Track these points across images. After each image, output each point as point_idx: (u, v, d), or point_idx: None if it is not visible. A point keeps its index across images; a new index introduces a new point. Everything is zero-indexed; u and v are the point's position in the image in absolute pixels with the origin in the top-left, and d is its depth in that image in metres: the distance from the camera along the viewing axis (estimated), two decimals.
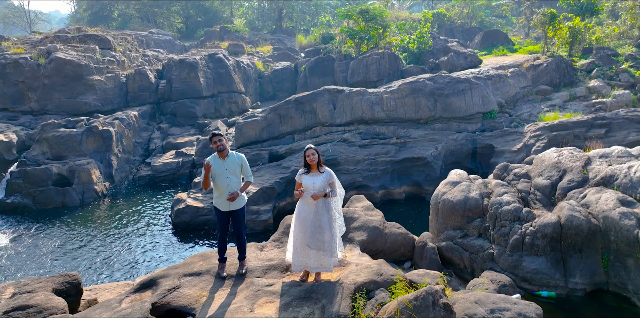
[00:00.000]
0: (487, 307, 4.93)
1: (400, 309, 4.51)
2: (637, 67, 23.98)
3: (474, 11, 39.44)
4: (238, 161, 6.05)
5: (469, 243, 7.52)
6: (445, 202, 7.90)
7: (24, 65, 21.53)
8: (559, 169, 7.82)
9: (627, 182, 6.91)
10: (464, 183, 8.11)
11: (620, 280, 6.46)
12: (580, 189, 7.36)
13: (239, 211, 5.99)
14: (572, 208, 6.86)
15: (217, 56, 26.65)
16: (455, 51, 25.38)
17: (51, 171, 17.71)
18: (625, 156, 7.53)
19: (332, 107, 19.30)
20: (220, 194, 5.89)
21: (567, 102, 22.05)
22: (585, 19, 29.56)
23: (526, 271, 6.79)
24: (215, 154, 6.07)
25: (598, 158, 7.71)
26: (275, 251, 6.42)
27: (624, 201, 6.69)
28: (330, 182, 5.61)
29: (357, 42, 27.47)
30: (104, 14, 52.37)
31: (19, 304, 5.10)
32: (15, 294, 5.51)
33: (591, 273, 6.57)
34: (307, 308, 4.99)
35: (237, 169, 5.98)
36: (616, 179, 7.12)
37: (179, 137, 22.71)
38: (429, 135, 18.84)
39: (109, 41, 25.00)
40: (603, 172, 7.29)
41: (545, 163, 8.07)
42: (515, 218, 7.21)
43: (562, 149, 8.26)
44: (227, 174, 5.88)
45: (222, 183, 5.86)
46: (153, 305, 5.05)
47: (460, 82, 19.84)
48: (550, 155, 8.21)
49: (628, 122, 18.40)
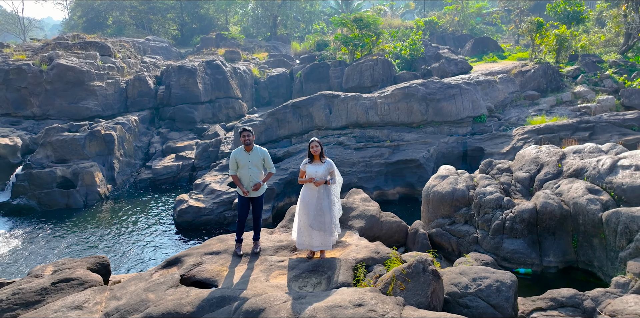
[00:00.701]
0: (469, 277, 5.81)
1: (396, 276, 5.37)
2: (620, 73, 25.19)
3: (465, 19, 40.78)
4: (261, 155, 6.87)
5: (456, 229, 8.43)
6: (435, 193, 8.83)
7: (26, 71, 22.29)
8: (537, 163, 8.78)
9: (596, 173, 7.86)
10: (452, 177, 9.05)
11: (587, 258, 7.38)
12: (555, 180, 8.31)
13: (259, 198, 6.86)
14: (546, 196, 7.80)
15: (215, 62, 27.56)
16: (446, 57, 26.49)
17: (55, 173, 18.42)
18: (596, 151, 8.50)
19: (328, 111, 20.23)
20: (243, 178, 6.74)
21: (554, 107, 23.15)
22: (572, 26, 30.83)
23: (506, 252, 7.70)
24: (241, 147, 6.88)
25: (572, 153, 8.67)
26: (284, 235, 7.29)
27: (591, 190, 7.63)
28: (331, 171, 6.50)
29: (352, 49, 28.53)
30: (99, 21, 53.20)
31: (63, 277, 5.90)
32: (56, 271, 6.30)
33: (563, 253, 7.49)
34: (314, 279, 5.84)
35: (260, 162, 6.81)
36: (586, 171, 8.08)
37: (179, 141, 23.50)
38: (421, 138, 19.79)
39: (109, 48, 25.84)
40: (575, 165, 8.25)
41: (525, 159, 9.04)
42: (497, 206, 8.14)
43: (541, 147, 9.22)
44: (249, 166, 6.72)
45: (244, 173, 6.72)
46: (181, 277, 5.87)
47: (451, 88, 20.86)
48: (530, 151, 9.17)
49: (610, 125, 19.48)
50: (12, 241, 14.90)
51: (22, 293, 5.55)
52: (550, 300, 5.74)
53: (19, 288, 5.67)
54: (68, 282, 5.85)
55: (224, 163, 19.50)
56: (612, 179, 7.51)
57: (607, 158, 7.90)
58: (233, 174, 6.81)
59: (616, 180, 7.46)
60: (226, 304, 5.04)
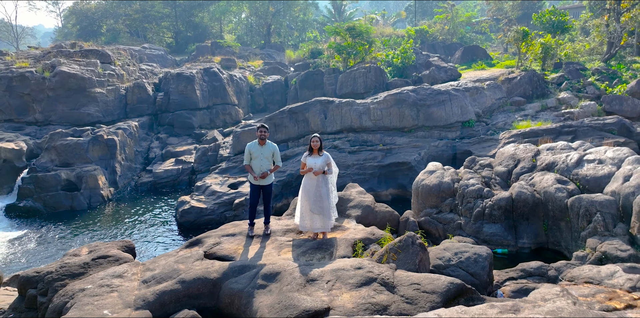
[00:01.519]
0: (452, 252, 6.88)
1: (389, 248, 6.43)
2: (602, 80, 26.62)
3: (454, 28, 42.33)
4: (272, 149, 7.94)
5: (442, 217, 9.52)
6: (424, 186, 9.92)
7: (30, 78, 23.21)
8: (515, 159, 9.93)
9: (564, 167, 9.00)
10: (439, 172, 10.17)
11: (555, 239, 8.48)
12: (530, 173, 9.45)
13: (267, 186, 7.91)
14: (521, 187, 8.93)
15: (212, 69, 28.66)
16: (436, 65, 27.81)
17: (60, 177, 19.31)
18: (567, 148, 9.66)
19: (323, 116, 21.35)
20: (255, 168, 7.79)
21: (539, 112, 24.45)
22: (557, 35, 32.34)
23: (486, 235, 8.79)
24: (256, 141, 7.94)
25: (546, 150, 9.83)
26: (290, 221, 8.33)
27: (560, 180, 8.76)
28: (328, 162, 7.58)
29: (345, 57, 29.77)
30: (93, 29, 54.14)
31: (100, 254, 6.88)
32: (91, 251, 7.28)
33: (535, 235, 8.58)
34: (319, 254, 6.87)
35: (270, 155, 7.88)
36: (557, 165, 9.22)
37: (178, 146, 24.45)
38: (412, 142, 20.95)
39: (109, 56, 26.85)
40: (547, 160, 9.40)
41: (504, 155, 10.19)
42: (478, 196, 9.24)
43: (519, 145, 10.39)
44: (261, 158, 7.78)
45: (256, 164, 7.77)
46: (204, 253, 6.88)
47: (441, 94, 22.10)
48: (508, 149, 10.33)
49: (592, 129, 20.77)
50: (20, 241, 15.72)
51: (68, 267, 6.52)
52: (521, 271, 6.82)
53: (64, 263, 6.64)
54: (105, 258, 6.83)
55: (223, 165, 20.49)
56: (578, 172, 8.67)
57: (575, 153, 9.06)
58: (247, 164, 7.85)
59: (581, 172, 8.61)
60: (247, 271, 6.05)
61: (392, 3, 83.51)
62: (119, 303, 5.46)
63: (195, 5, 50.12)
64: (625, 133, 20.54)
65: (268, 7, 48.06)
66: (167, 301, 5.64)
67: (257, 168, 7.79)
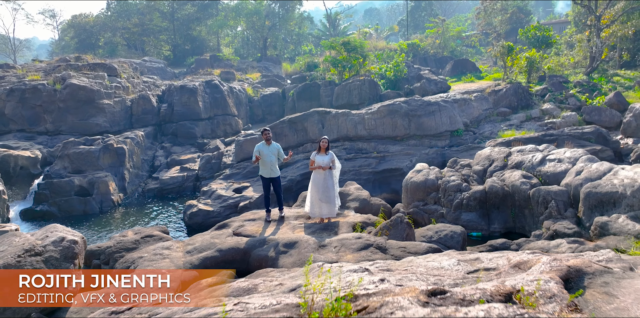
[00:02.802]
0: (433, 231, 8.67)
1: (382, 226, 8.19)
2: (583, 92, 28.77)
3: (445, 42, 44.71)
4: (276, 147, 9.77)
5: (428, 208, 11.33)
6: (413, 183, 11.72)
7: (42, 90, 24.92)
8: (490, 159, 11.79)
9: (530, 165, 10.84)
10: (425, 171, 12.00)
11: (521, 224, 10.27)
12: (502, 171, 11.30)
13: (276, 178, 9.70)
14: (493, 181, 10.76)
15: (214, 82, 30.54)
16: (427, 78, 29.89)
17: (73, 183, 20.91)
18: (534, 150, 11.52)
19: (321, 126, 23.19)
20: (264, 167, 9.57)
21: (524, 122, 26.47)
22: (541, 50, 34.64)
23: (463, 221, 10.58)
24: (263, 142, 9.75)
25: (516, 152, 11.70)
26: (300, 209, 10.10)
27: (525, 176, 10.60)
28: (332, 160, 9.38)
29: (340, 70, 31.81)
30: (91, 42, 56.07)
31: (147, 234, 8.58)
32: (136, 233, 8.97)
33: (504, 221, 10.36)
34: (325, 233, 8.62)
35: (275, 152, 9.70)
36: (524, 164, 11.07)
37: (182, 154, 26.15)
38: (404, 150, 22.81)
39: (116, 69, 28.67)
40: (516, 160, 11.26)
41: (481, 156, 12.05)
42: (458, 189, 11.06)
43: (494, 148, 12.26)
44: (269, 155, 9.59)
45: (266, 160, 9.56)
46: (232, 232, 8.61)
47: (431, 105, 24.06)
48: (485, 151, 12.21)
49: (571, 138, 22.68)
50: None
51: (123, 243, 8.21)
52: (489, 246, 8.58)
53: (119, 240, 8.33)
54: (151, 237, 8.53)
55: (227, 172, 22.21)
56: (541, 169, 10.51)
57: (540, 154, 10.92)
58: (255, 159, 9.58)
59: (543, 169, 10.45)
60: (269, 243, 7.79)
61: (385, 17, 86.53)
62: (172, 265, 7.16)
63: (193, 19, 52.30)
64: (602, 141, 22.43)
65: (264, 21, 50.33)
66: (208, 265, 7.35)
67: (267, 163, 9.59)
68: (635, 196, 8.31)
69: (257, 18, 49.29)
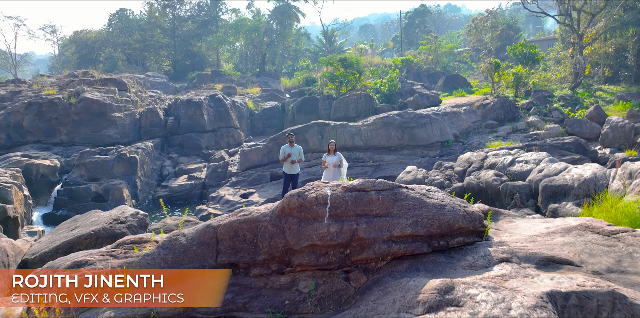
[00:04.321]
0: None
1: None
2: (566, 106, 31.28)
3: (438, 57, 47.47)
4: (298, 149, 11.98)
5: None
6: (402, 182, 13.88)
7: (58, 104, 27.10)
8: (470, 162, 14.00)
9: (501, 166, 13.08)
10: (413, 171, 14.20)
11: None
12: (478, 171, 13.51)
13: (295, 175, 11.88)
14: (471, 179, 12.96)
15: (217, 96, 32.87)
16: (419, 92, 32.38)
17: (90, 189, 22.96)
18: (506, 154, 13.78)
19: (320, 137, 25.45)
20: (287, 165, 11.76)
21: (510, 133, 28.86)
22: (528, 66, 37.29)
23: None
24: (287, 145, 11.96)
25: (492, 155, 13.95)
26: None
27: (497, 174, 12.82)
28: (340, 159, 11.57)
29: (337, 85, 34.26)
30: (92, 57, 58.52)
31: (185, 220, 10.69)
32: (174, 219, 11.08)
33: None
34: None
35: (297, 153, 11.90)
36: (497, 165, 13.30)
37: (188, 164, 28.28)
38: (398, 159, 25.06)
39: (125, 84, 30.96)
40: (491, 162, 13.50)
41: (462, 159, 14.28)
42: (441, 186, 13.24)
43: (474, 152, 14.52)
44: (293, 155, 11.79)
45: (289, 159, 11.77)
46: None
47: (423, 118, 26.42)
48: (466, 155, 14.46)
49: (553, 148, 24.99)
50: None
51: (167, 225, 10.31)
52: None
53: (164, 223, 10.43)
54: (189, 222, 10.64)
55: (233, 179, 24.34)
56: (511, 169, 12.70)
57: (510, 157, 13.15)
58: (283, 158, 11.80)
59: (512, 169, 12.63)
60: None
61: (379, 33, 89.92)
62: None
63: (193, 35, 54.96)
64: (581, 151, 24.72)
65: (263, 37, 53.04)
66: None
67: (290, 163, 11.81)
68: (580, 187, 10.48)
69: (255, 35, 51.99)
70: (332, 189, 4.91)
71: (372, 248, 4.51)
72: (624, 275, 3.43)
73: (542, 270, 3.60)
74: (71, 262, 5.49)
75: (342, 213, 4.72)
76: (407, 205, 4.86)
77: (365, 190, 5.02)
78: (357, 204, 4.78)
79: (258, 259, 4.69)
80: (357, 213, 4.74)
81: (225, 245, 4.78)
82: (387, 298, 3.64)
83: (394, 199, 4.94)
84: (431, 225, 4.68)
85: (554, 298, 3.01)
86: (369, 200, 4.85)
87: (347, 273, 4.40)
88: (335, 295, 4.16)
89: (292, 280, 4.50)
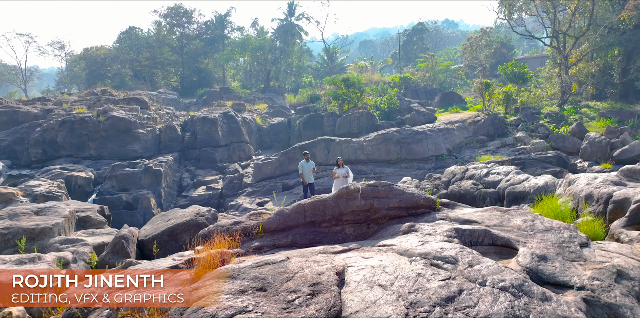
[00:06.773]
0: None
1: None
2: (552, 122, 35.01)
3: (434, 75, 51.46)
4: (312, 164, 15.62)
5: None
6: None
7: (88, 121, 30.78)
8: (454, 173, 17.64)
9: (479, 176, 16.71)
10: (408, 181, 17.84)
11: None
12: (460, 181, 17.14)
13: (311, 184, 15.48)
14: (453, 187, 16.59)
15: (230, 113, 36.61)
16: (416, 110, 36.17)
17: (122, 199, 26.49)
18: (484, 167, 17.43)
19: (326, 151, 29.12)
20: (305, 176, 15.36)
21: (499, 148, 32.52)
22: (517, 84, 41.15)
23: None
24: (304, 160, 15.60)
25: (472, 168, 17.60)
26: None
27: (475, 183, 16.46)
28: (347, 171, 15.18)
29: (340, 103, 38.05)
30: (100, 73, 62.41)
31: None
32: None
33: None
34: None
35: (311, 167, 15.54)
36: (474, 176, 16.95)
37: (205, 176, 31.86)
38: (397, 171, 28.68)
39: (146, 102, 34.71)
40: (470, 173, 17.15)
41: (448, 172, 17.91)
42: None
43: (458, 166, 18.16)
44: (308, 168, 15.42)
45: (305, 172, 15.38)
46: None
47: (419, 134, 30.12)
48: (451, 168, 18.10)
49: (537, 161, 28.54)
50: None
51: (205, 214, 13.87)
52: None
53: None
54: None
55: (249, 190, 27.91)
56: (486, 179, 16.30)
57: (486, 169, 16.79)
58: (301, 172, 15.45)
59: (487, 179, 16.24)
60: None
61: (379, 48, 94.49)
62: None
63: (200, 53, 59.02)
64: (562, 164, 28.28)
65: (267, 55, 57.12)
66: None
67: (307, 174, 15.45)
68: (534, 193, 13.99)
69: (260, 53, 56.08)
70: (361, 185, 8.60)
71: (380, 213, 8.21)
72: (500, 227, 7.02)
73: (459, 224, 7.18)
74: (232, 221, 9.47)
75: (366, 195, 8.46)
76: (396, 193, 8.53)
77: (376, 186, 8.69)
78: (372, 192, 8.49)
79: (325, 218, 8.40)
80: (373, 196, 8.45)
81: (309, 213, 8.50)
82: (386, 232, 7.34)
83: (389, 190, 8.61)
84: (407, 202, 8.44)
85: (459, 230, 6.69)
86: (378, 190, 8.55)
87: (368, 224, 8.17)
88: (363, 234, 7.93)
89: (342, 228, 8.19)
